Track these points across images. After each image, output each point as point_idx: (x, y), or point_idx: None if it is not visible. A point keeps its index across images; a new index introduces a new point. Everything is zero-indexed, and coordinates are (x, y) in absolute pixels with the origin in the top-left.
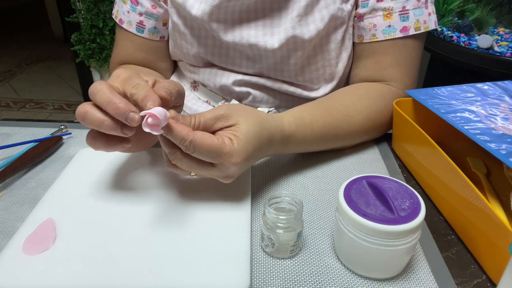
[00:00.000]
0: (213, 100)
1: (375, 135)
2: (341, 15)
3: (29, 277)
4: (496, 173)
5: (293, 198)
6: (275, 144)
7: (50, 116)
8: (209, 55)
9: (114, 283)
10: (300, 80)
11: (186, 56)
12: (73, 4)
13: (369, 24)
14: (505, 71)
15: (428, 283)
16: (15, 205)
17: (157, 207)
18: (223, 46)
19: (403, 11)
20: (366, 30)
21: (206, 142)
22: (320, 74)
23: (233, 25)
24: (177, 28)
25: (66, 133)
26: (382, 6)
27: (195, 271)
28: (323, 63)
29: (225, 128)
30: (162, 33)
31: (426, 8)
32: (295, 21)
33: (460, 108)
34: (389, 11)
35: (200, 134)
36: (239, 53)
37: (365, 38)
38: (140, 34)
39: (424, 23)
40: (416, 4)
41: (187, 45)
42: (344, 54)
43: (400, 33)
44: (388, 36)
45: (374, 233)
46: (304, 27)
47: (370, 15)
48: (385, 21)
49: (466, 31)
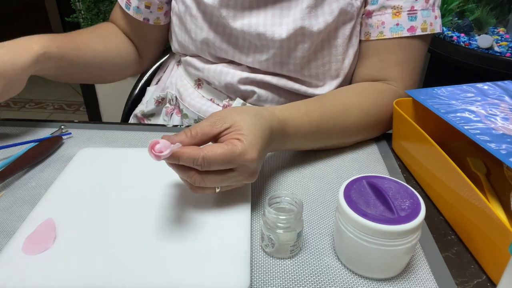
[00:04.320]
0: (217, 98)
1: (373, 133)
2: (351, 10)
3: (29, 277)
4: (496, 173)
5: (293, 198)
6: (275, 131)
7: (50, 116)
8: (218, 42)
9: (114, 283)
10: (306, 76)
11: (193, 42)
12: (73, 4)
13: (377, 21)
14: (505, 71)
15: (428, 283)
16: (15, 205)
17: (157, 207)
18: (233, 35)
19: (411, 10)
20: (374, 27)
21: (217, 151)
22: (326, 69)
23: (243, 11)
24: (189, 11)
25: (66, 133)
26: (391, 4)
27: (195, 271)
28: (330, 58)
29: (226, 132)
30: (146, 15)
31: (433, 11)
32: (304, 12)
33: (460, 108)
34: (398, 10)
35: (209, 147)
36: (248, 42)
37: (372, 35)
38: (127, 10)
39: (430, 25)
40: (424, 5)
41: (196, 29)
42: (351, 51)
43: (407, 32)
44: (395, 35)
45: (374, 233)
46: (313, 19)
47: (379, 12)
48: (393, 19)
49: (466, 31)
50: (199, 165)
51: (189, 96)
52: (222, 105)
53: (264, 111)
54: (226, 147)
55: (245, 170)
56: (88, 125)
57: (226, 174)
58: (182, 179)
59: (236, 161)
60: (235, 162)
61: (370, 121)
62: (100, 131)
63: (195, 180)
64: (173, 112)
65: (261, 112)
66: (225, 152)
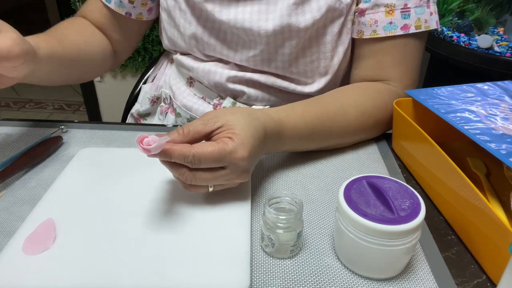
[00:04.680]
0: (208, 97)
1: (372, 133)
2: (339, 7)
3: (29, 277)
4: (496, 173)
5: (293, 198)
6: (270, 132)
7: (50, 116)
8: (206, 37)
9: (114, 283)
10: (294, 73)
11: (182, 37)
12: (73, 4)
13: (370, 19)
14: (505, 71)
15: (428, 283)
16: (15, 205)
17: (157, 207)
18: (221, 30)
19: (404, 8)
20: (367, 25)
21: (208, 149)
22: (314, 67)
23: (229, 5)
24: (179, 5)
25: (66, 133)
26: (384, 2)
27: (195, 271)
28: (318, 55)
29: (218, 131)
30: (128, 9)
31: (428, 8)
32: (291, 8)
33: (460, 108)
34: (391, 8)
35: (199, 145)
36: (236, 37)
37: (365, 34)
38: (107, 3)
39: (425, 22)
40: (418, 2)
41: (185, 23)
42: (340, 48)
43: (400, 30)
44: (388, 33)
45: (374, 233)
46: (300, 16)
47: (372, 11)
48: (386, 17)
49: (466, 31)
50: (190, 162)
51: (181, 95)
52: (213, 103)
53: (258, 112)
54: (217, 145)
55: (236, 169)
56: (88, 125)
57: (217, 172)
58: (175, 177)
59: (227, 159)
60: (225, 160)
61: (368, 121)
62: (100, 131)
63: (187, 177)
64: (167, 111)
65: (255, 113)
66: (216, 150)
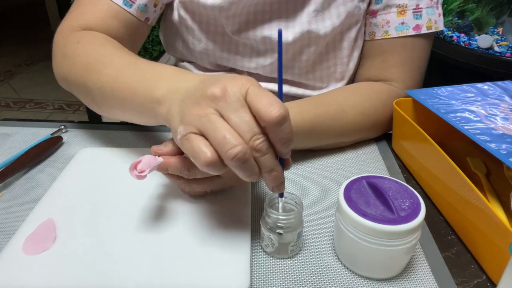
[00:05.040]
0: None
1: (371, 134)
2: (358, 12)
3: (29, 277)
4: (496, 173)
5: (293, 198)
6: None
7: (50, 116)
8: (218, 51)
9: (114, 283)
10: (310, 78)
11: (192, 52)
12: None
13: (382, 20)
14: (505, 71)
15: (428, 283)
16: (15, 205)
17: (157, 207)
18: (233, 42)
19: (416, 9)
20: (379, 26)
21: None
22: (331, 72)
23: (247, 25)
24: (184, 23)
25: (66, 133)
26: (396, 3)
27: (195, 271)
28: (335, 61)
29: None
30: (148, 14)
31: (437, 9)
32: (311, 16)
33: (460, 108)
34: (403, 8)
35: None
36: (250, 49)
37: (377, 35)
38: (127, 8)
39: (435, 23)
40: (429, 3)
41: (194, 40)
42: (356, 53)
43: (413, 30)
44: (401, 33)
45: (374, 233)
46: (320, 23)
47: (384, 12)
48: (398, 17)
49: (466, 31)
50: (186, 175)
51: None
52: None
53: None
54: None
55: (232, 177)
56: (88, 125)
57: (213, 181)
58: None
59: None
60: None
61: (367, 121)
62: (100, 131)
63: (184, 188)
64: None
65: None
66: None
